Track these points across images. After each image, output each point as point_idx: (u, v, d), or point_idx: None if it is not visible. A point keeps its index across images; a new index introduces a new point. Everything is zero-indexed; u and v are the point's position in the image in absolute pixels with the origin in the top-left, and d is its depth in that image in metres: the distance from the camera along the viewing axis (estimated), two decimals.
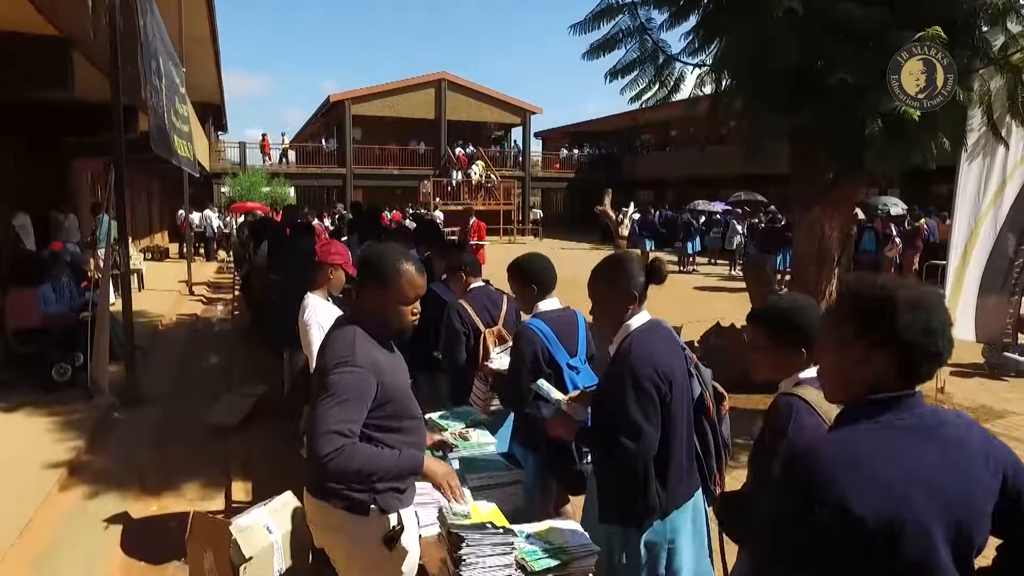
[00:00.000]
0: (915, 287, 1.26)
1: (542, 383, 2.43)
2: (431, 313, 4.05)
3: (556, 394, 2.39)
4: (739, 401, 4.61)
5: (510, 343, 3.52)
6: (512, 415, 3.33)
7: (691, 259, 18.07)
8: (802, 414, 1.64)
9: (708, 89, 6.41)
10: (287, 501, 3.20)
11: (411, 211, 23.90)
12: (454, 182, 28.95)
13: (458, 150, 30.53)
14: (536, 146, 36.50)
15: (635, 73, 6.58)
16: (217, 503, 4.29)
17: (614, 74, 6.68)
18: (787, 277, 13.21)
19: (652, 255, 2.39)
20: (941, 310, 1.23)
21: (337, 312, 3.47)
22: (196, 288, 13.10)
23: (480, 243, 11.08)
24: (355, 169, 28.80)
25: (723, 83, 6.12)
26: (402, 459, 1.90)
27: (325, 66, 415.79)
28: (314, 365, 3.23)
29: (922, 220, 13.41)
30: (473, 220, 10.80)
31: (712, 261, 19.12)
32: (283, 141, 29.05)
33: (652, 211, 22.25)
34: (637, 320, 2.18)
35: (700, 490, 2.28)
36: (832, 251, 6.17)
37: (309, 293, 3.37)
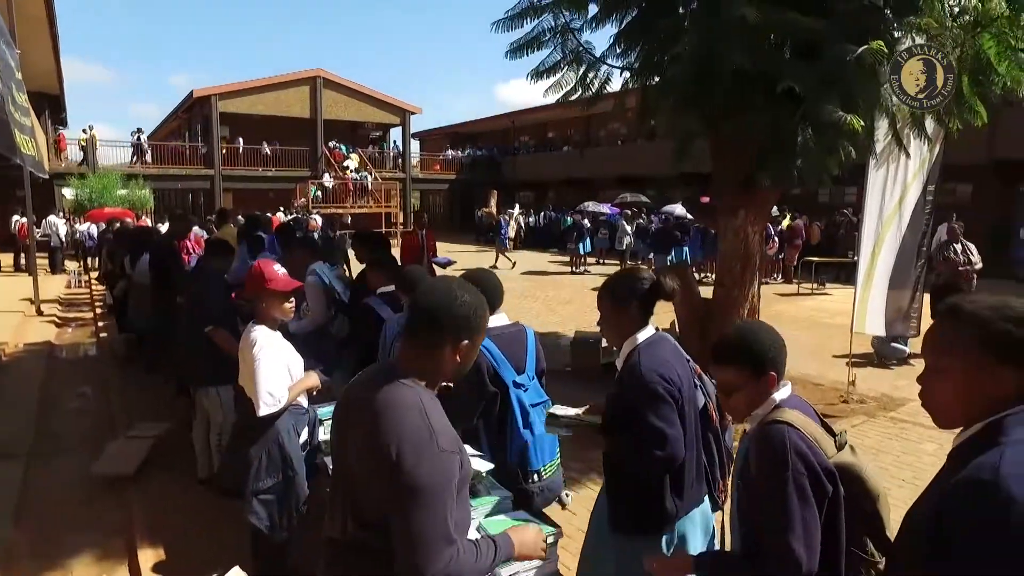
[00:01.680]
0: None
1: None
2: (369, 334, 3.60)
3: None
4: None
5: None
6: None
7: (583, 260, 18.40)
8: (799, 442, 1.59)
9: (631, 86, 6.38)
10: None
11: (288, 214, 22.56)
12: (328, 184, 27.66)
13: (331, 143, 29.21)
14: (415, 147, 35.78)
15: (560, 74, 6.42)
16: None
17: (538, 75, 6.47)
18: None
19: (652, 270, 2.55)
20: None
21: (288, 346, 2.92)
22: (45, 307, 11.28)
23: (445, 260, 9.77)
24: (224, 171, 26.56)
25: (648, 84, 6.10)
26: (500, 551, 1.59)
27: (176, 59, 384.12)
28: (267, 402, 2.69)
29: (797, 220, 14.52)
30: (426, 231, 9.56)
31: (600, 261, 19.60)
32: (91, 136, 24.32)
33: (530, 212, 22.83)
34: (643, 334, 2.27)
35: (707, 497, 2.38)
36: (754, 253, 6.37)
37: (254, 324, 2.79)
